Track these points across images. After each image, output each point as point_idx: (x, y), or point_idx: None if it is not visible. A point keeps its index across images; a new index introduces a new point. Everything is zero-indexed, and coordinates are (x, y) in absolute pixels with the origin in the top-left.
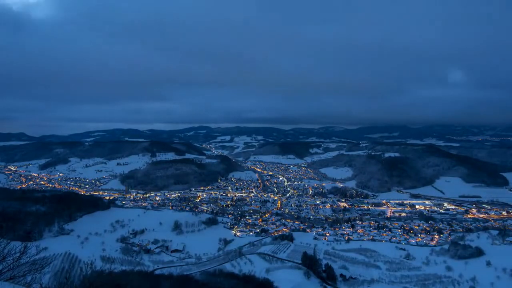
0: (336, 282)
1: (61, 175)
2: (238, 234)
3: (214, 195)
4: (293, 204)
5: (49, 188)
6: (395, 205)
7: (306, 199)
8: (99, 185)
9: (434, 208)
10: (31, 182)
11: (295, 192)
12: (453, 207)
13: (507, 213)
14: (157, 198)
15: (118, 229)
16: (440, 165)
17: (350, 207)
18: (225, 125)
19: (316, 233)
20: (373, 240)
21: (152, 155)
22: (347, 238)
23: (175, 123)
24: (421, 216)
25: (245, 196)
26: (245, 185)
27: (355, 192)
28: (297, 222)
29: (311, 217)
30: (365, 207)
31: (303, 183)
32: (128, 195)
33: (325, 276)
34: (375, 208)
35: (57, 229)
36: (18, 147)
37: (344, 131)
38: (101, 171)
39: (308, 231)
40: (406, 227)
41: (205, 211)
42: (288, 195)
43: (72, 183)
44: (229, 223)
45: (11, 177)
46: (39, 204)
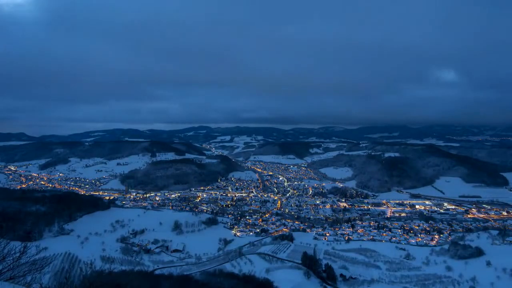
0: (336, 282)
1: (61, 175)
2: (238, 234)
3: (214, 195)
4: (293, 204)
5: (49, 188)
6: (395, 205)
7: (306, 199)
8: (99, 185)
9: (434, 208)
10: (31, 182)
11: (295, 192)
12: (453, 207)
13: (507, 213)
14: (157, 198)
15: (118, 229)
16: (440, 165)
17: (350, 207)
18: (225, 125)
19: (316, 233)
20: (373, 240)
21: (152, 155)
22: (347, 238)
23: (175, 123)
24: (421, 216)
25: (245, 196)
26: (245, 185)
27: (355, 192)
28: (297, 222)
29: (311, 217)
30: (365, 207)
31: (303, 183)
32: (128, 195)
33: (325, 276)
34: (375, 208)
35: (57, 229)
36: (18, 147)
37: (344, 131)
38: (101, 171)
39: (308, 231)
40: (406, 227)
41: (205, 211)
42: (288, 195)
43: (72, 183)
44: (229, 223)
45: (11, 177)
46: (39, 204)
